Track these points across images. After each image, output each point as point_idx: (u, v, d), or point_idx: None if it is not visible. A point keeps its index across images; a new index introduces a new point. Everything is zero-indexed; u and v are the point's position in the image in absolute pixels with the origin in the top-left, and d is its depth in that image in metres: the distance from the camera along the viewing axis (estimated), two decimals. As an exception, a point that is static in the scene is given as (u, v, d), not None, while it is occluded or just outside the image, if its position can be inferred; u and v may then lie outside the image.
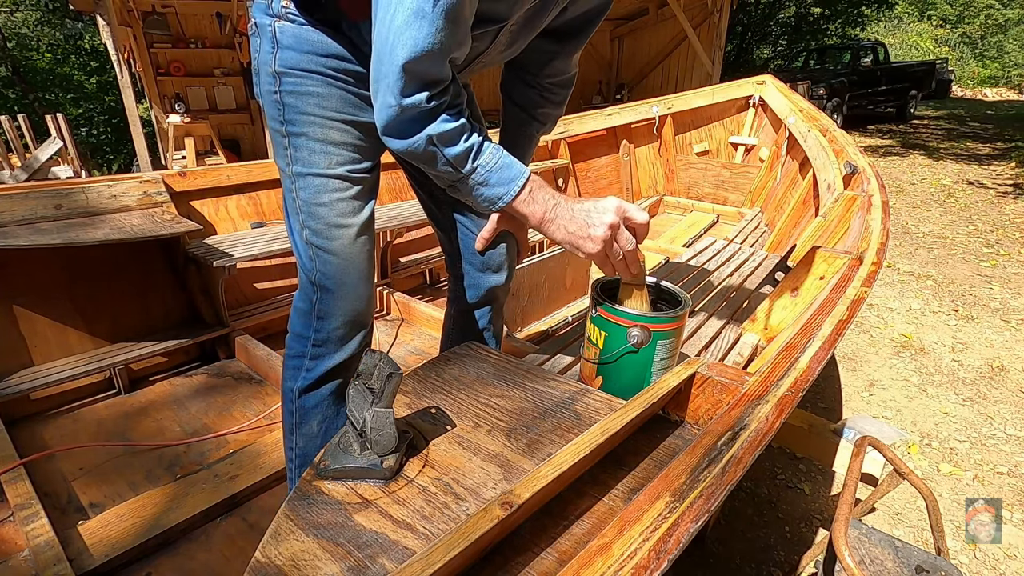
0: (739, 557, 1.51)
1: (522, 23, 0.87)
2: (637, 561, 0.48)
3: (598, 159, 3.94)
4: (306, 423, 1.07)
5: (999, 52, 18.16)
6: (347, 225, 0.97)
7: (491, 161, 0.80)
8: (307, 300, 1.02)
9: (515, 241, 1.22)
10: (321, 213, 0.95)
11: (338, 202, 0.95)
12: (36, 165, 4.73)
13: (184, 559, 1.26)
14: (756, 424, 0.68)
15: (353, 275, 1.00)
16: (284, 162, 0.95)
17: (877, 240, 1.43)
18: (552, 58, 1.04)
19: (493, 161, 0.80)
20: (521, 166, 0.82)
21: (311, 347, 1.03)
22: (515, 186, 0.80)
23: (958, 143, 8.86)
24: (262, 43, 0.89)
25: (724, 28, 8.19)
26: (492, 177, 0.80)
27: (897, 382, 2.39)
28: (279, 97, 0.90)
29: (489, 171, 0.80)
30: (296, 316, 1.05)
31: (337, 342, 1.03)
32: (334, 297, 1.00)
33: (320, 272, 0.98)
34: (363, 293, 1.03)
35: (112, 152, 11.31)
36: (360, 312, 1.03)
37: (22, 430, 1.67)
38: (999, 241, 4.26)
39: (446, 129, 0.76)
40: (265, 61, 0.89)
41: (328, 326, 1.01)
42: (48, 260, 1.84)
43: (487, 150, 0.80)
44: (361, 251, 1.00)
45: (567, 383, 0.87)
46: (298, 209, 0.96)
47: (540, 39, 1.00)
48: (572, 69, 1.10)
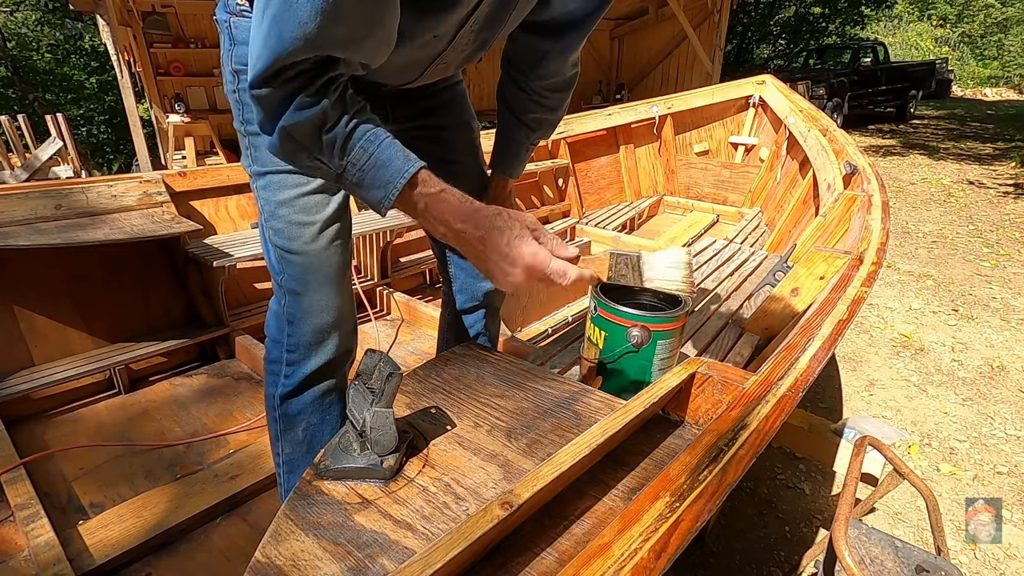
0: (739, 557, 1.51)
1: (482, 21, 0.80)
2: (637, 561, 0.48)
3: (598, 159, 3.93)
4: (291, 430, 1.04)
5: (999, 51, 18.16)
6: (310, 222, 0.92)
7: (362, 158, 0.66)
8: (278, 303, 0.98)
9: None
10: (282, 212, 0.91)
11: (298, 198, 0.91)
12: (36, 165, 4.73)
13: (184, 559, 1.25)
14: (756, 424, 0.68)
15: (320, 275, 0.95)
16: (247, 162, 0.92)
17: (877, 240, 1.43)
18: (543, 57, 0.96)
19: (364, 158, 0.66)
20: (404, 164, 0.67)
21: (286, 352, 0.99)
22: (392, 189, 0.66)
23: (958, 143, 8.86)
24: (223, 41, 0.87)
25: (724, 28, 8.19)
26: (366, 177, 0.67)
27: (897, 382, 2.39)
28: (238, 95, 0.88)
29: (361, 170, 0.67)
30: (271, 320, 1.01)
31: (310, 347, 0.98)
32: (302, 300, 0.95)
33: (287, 274, 0.94)
34: (333, 295, 0.97)
35: (112, 152, 11.31)
36: (332, 315, 0.98)
37: (22, 430, 1.67)
38: (999, 241, 4.26)
39: (299, 120, 0.64)
40: (225, 59, 0.87)
41: (298, 331, 0.97)
42: (48, 260, 1.84)
43: (358, 143, 0.66)
44: (328, 249, 0.94)
45: (567, 383, 0.87)
46: (262, 209, 0.93)
47: (529, 35, 0.94)
48: (568, 71, 1.01)
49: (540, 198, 3.59)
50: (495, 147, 1.13)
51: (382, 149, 0.67)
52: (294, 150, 0.67)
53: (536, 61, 0.98)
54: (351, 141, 0.66)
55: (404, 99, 1.03)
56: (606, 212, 3.81)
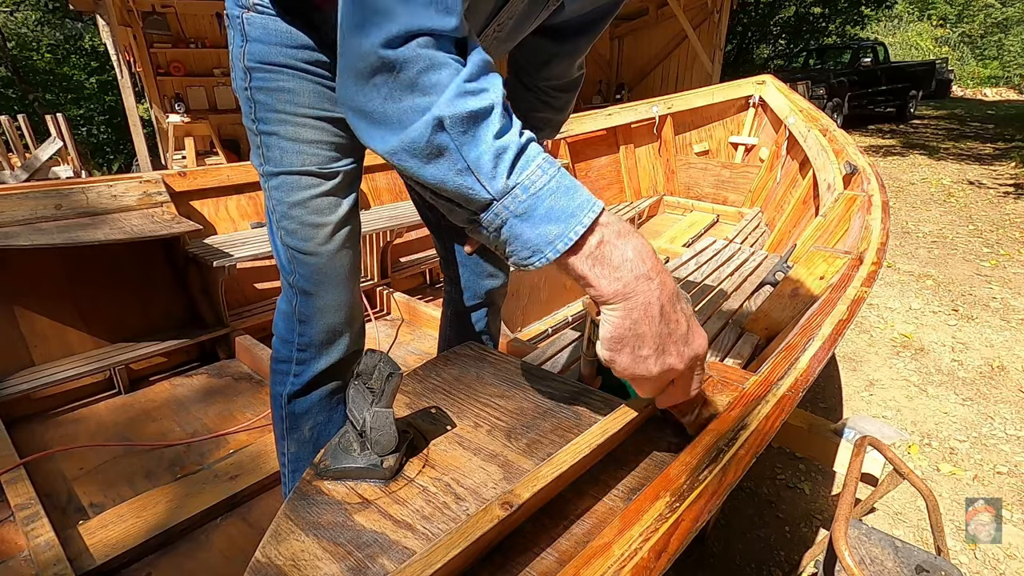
0: (739, 557, 1.51)
1: (516, 20, 0.80)
2: (637, 561, 0.48)
3: (598, 159, 3.93)
4: (297, 429, 1.04)
5: (999, 51, 18.16)
6: (323, 224, 0.91)
7: (539, 180, 0.49)
8: (288, 303, 0.98)
9: None
10: (295, 213, 0.90)
11: (312, 199, 0.89)
12: (36, 165, 4.73)
13: (184, 559, 1.26)
14: (756, 424, 0.68)
15: (333, 276, 0.95)
16: (258, 161, 0.91)
17: (877, 240, 1.43)
18: (550, 59, 0.98)
19: (544, 180, 0.49)
20: (589, 196, 0.51)
21: (296, 351, 0.99)
22: (576, 224, 0.49)
23: (958, 143, 8.86)
24: (234, 36, 0.85)
25: (724, 28, 8.19)
26: (539, 207, 0.49)
27: (897, 382, 2.39)
28: (250, 94, 0.86)
29: (535, 196, 0.49)
30: (279, 319, 1.01)
31: (321, 346, 0.98)
32: (314, 300, 0.95)
33: (298, 274, 0.94)
34: (345, 295, 0.97)
35: (112, 152, 11.32)
36: (344, 315, 0.98)
37: (22, 430, 1.67)
38: (999, 241, 4.26)
39: (468, 110, 0.48)
40: (236, 56, 0.85)
41: (311, 330, 0.97)
42: (48, 260, 1.84)
43: (535, 160, 0.50)
44: (340, 250, 0.94)
45: (567, 383, 0.87)
46: (273, 209, 0.92)
47: (537, 38, 0.95)
48: (574, 73, 1.03)
49: (540, 198, 3.59)
50: None
51: (564, 174, 0.51)
52: (437, 153, 0.50)
53: (543, 63, 0.98)
54: (527, 155, 0.50)
55: None
56: (606, 212, 3.81)
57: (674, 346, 0.53)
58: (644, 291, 0.50)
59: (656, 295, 0.51)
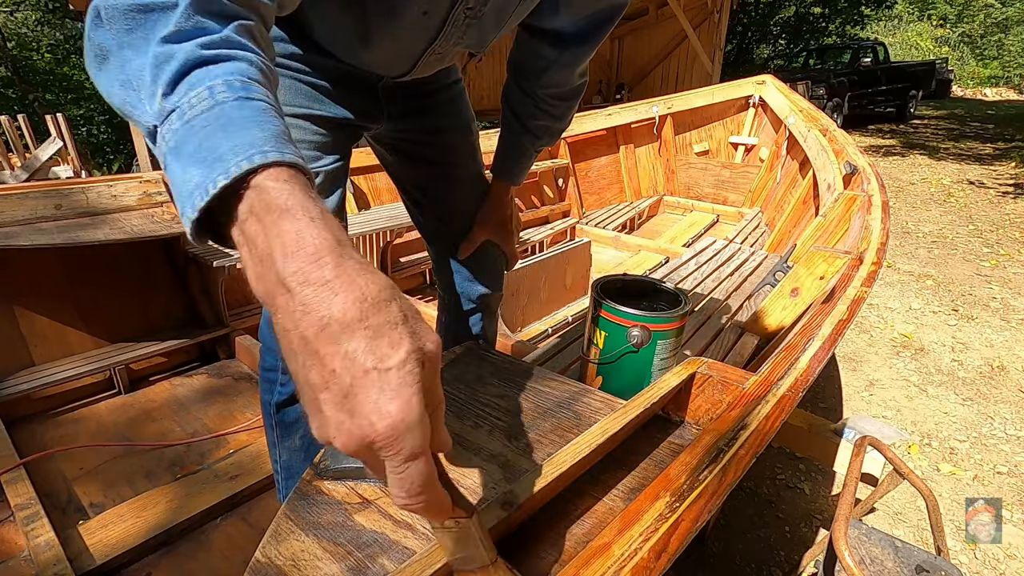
0: (739, 557, 1.51)
1: (493, 5, 0.77)
2: (637, 561, 0.48)
3: (598, 159, 3.93)
4: (288, 437, 1.03)
5: (999, 51, 18.17)
6: None
7: (199, 105, 0.36)
8: None
9: (501, 251, 1.15)
10: None
11: None
12: (36, 165, 4.73)
13: (184, 559, 1.25)
14: (756, 424, 0.68)
15: None
16: None
17: (877, 240, 1.43)
18: (548, 66, 0.95)
19: (206, 105, 0.36)
20: (265, 142, 0.35)
21: (282, 360, 0.96)
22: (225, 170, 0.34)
23: (958, 143, 8.86)
24: None
25: (724, 28, 8.20)
26: (190, 139, 0.36)
27: (897, 382, 2.39)
28: None
29: (189, 124, 0.36)
30: (265, 326, 1.00)
31: None
32: None
33: None
34: None
35: (112, 152, 11.32)
36: None
37: (22, 430, 1.67)
38: (999, 241, 4.26)
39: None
40: None
41: None
42: (48, 260, 1.84)
43: (209, 81, 0.37)
44: None
45: (567, 383, 0.87)
46: None
47: (535, 40, 0.93)
48: (575, 82, 1.00)
49: (540, 198, 3.59)
50: (497, 152, 1.11)
51: (245, 104, 0.37)
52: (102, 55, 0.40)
53: (541, 69, 0.97)
54: (202, 73, 0.37)
55: (400, 96, 1.00)
56: (606, 212, 3.81)
57: (328, 405, 0.32)
58: (281, 308, 0.32)
59: (294, 320, 0.32)
